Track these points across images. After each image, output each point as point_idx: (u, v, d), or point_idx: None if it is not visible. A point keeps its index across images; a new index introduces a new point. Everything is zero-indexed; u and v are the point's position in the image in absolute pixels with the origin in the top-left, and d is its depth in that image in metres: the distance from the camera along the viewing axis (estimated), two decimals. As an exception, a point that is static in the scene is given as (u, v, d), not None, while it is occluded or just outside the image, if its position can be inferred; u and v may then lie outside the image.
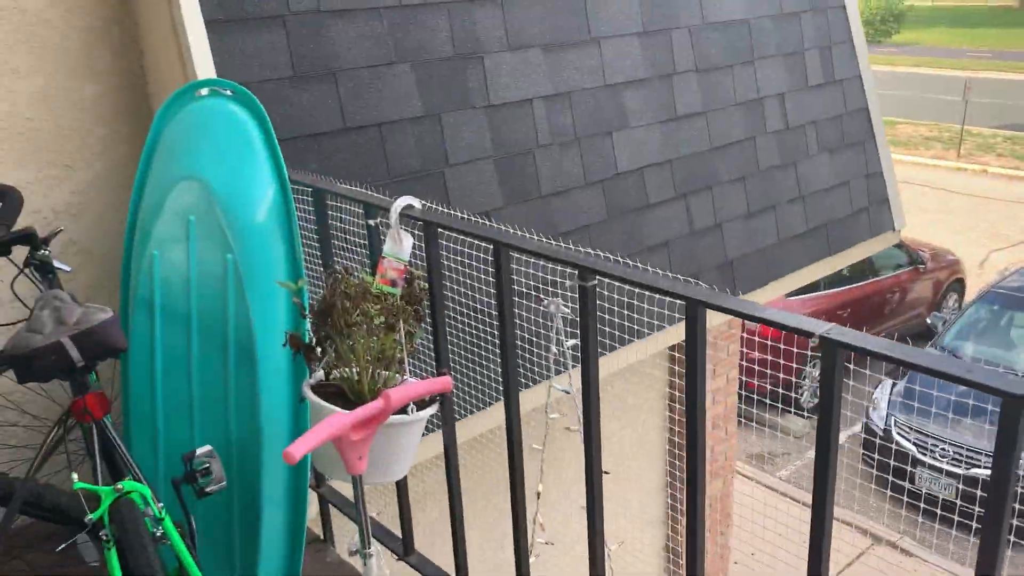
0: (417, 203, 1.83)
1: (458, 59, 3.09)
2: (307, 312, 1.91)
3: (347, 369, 1.83)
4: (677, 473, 4.80)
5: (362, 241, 2.11)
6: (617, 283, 1.50)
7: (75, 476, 1.61)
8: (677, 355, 4.64)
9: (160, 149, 2.35)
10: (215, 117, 2.29)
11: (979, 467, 7.32)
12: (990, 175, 18.08)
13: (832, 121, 4.42)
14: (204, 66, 2.52)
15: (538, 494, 1.99)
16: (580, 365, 1.61)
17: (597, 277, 1.52)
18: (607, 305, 3.27)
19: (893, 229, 4.67)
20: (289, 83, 2.71)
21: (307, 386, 1.85)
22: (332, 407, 1.73)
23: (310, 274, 2.40)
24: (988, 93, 23.55)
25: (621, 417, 4.52)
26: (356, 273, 1.83)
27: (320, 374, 1.92)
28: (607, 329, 3.26)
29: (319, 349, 1.88)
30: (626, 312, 3.42)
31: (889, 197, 4.63)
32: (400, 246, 1.77)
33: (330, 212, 2.38)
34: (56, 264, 2.21)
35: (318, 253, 2.32)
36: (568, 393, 1.82)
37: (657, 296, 3.17)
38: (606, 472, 1.63)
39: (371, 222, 2.01)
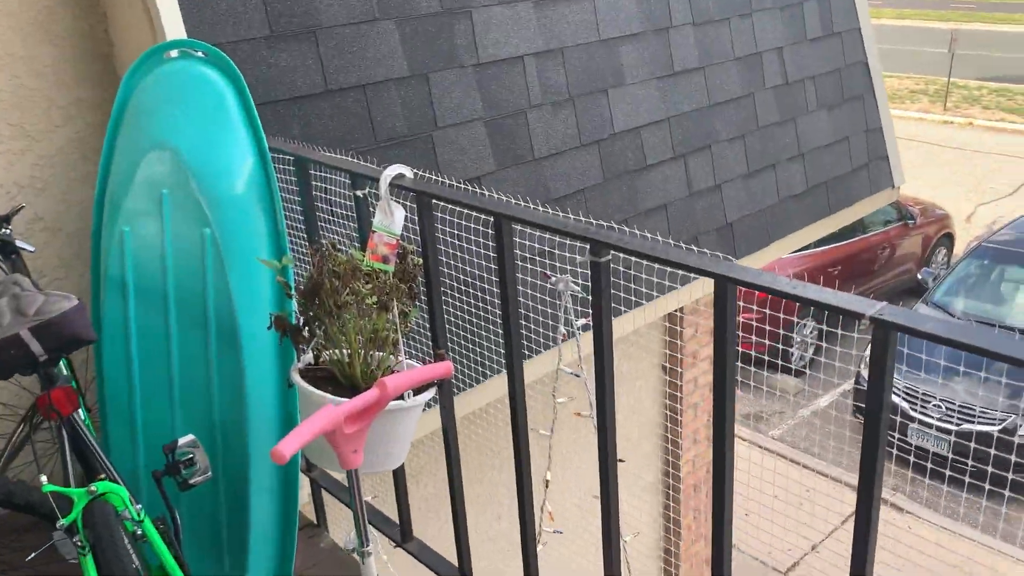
0: (408, 172, 1.68)
1: (445, 14, 2.91)
2: (292, 292, 1.76)
3: (337, 352, 1.70)
4: (671, 438, 4.72)
5: (350, 214, 1.96)
6: (635, 258, 1.36)
7: (44, 478, 1.47)
8: (670, 326, 4.52)
9: (128, 116, 2.18)
10: (186, 81, 2.12)
11: (972, 423, 7.30)
12: (976, 128, 17.99)
13: (831, 75, 4.27)
14: (173, 26, 2.34)
15: (547, 482, 1.87)
16: (593, 347, 1.48)
17: (611, 252, 1.38)
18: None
19: (892, 186, 4.55)
20: (265, 43, 2.54)
21: (295, 371, 1.72)
22: (322, 394, 1.60)
23: (295, 250, 2.25)
24: (973, 45, 23.38)
25: (615, 387, 4.42)
26: (344, 249, 1.68)
27: (309, 357, 1.78)
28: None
29: (307, 331, 1.74)
30: (621, 282, 3.29)
31: (888, 153, 4.50)
32: (391, 219, 1.63)
33: (314, 183, 2.23)
34: (19, 244, 2.06)
35: (303, 227, 2.17)
36: (579, 377, 1.69)
37: (657, 266, 3.03)
38: (621, 460, 1.51)
39: (359, 193, 1.86)
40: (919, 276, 9.45)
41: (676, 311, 4.44)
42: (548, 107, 3.20)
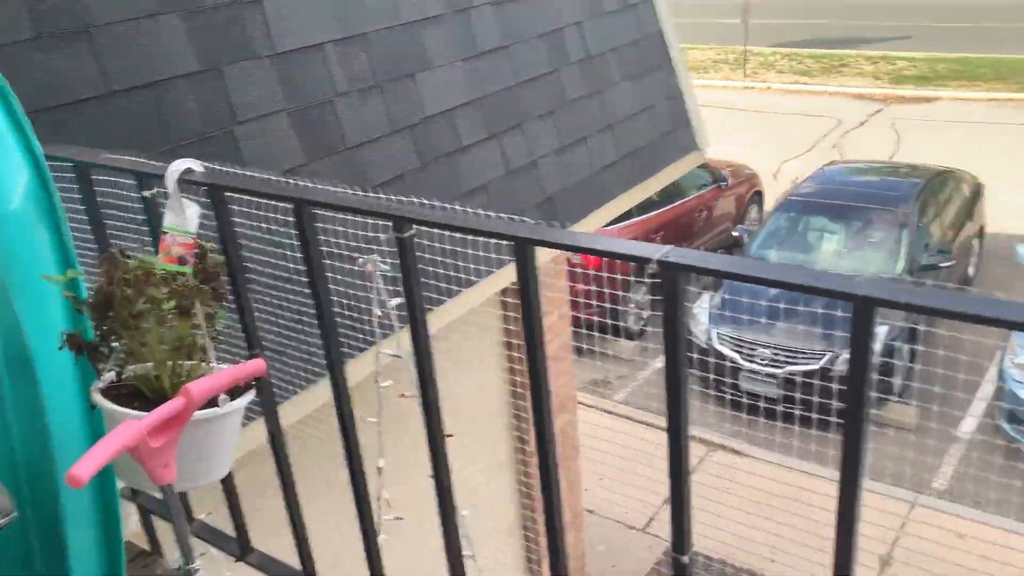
0: (198, 165, 1.59)
1: (234, 5, 2.79)
2: (83, 306, 1.64)
3: (142, 365, 1.59)
4: (522, 415, 4.79)
5: (143, 217, 1.84)
6: (437, 230, 1.35)
7: None
8: (508, 300, 4.58)
9: None
10: (-61, 91, 1.91)
11: (796, 364, 7.84)
12: (774, 91, 19.24)
13: (631, 47, 4.43)
14: (-81, 31, 2.11)
15: (379, 469, 1.84)
16: (408, 324, 1.45)
17: (414, 226, 1.36)
18: (429, 256, 3.12)
19: (698, 149, 4.79)
20: (33, 45, 2.34)
21: (95, 390, 1.60)
22: (124, 410, 1.49)
23: (87, 263, 2.10)
24: (765, 14, 24.95)
25: (459, 369, 4.43)
26: (135, 254, 1.57)
27: (111, 375, 1.66)
28: (433, 282, 3.12)
29: (104, 347, 1.62)
30: (450, 261, 3.29)
31: (691, 118, 4.73)
32: (183, 217, 1.54)
33: (104, 188, 2.08)
34: None
35: (93, 238, 2.02)
36: (400, 358, 1.66)
37: (481, 240, 3.05)
38: (450, 436, 1.50)
39: (146, 193, 1.75)
40: (735, 233, 10.03)
41: (511, 285, 4.49)
42: (355, 94, 3.14)
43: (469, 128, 3.51)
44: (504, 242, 1.31)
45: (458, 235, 1.40)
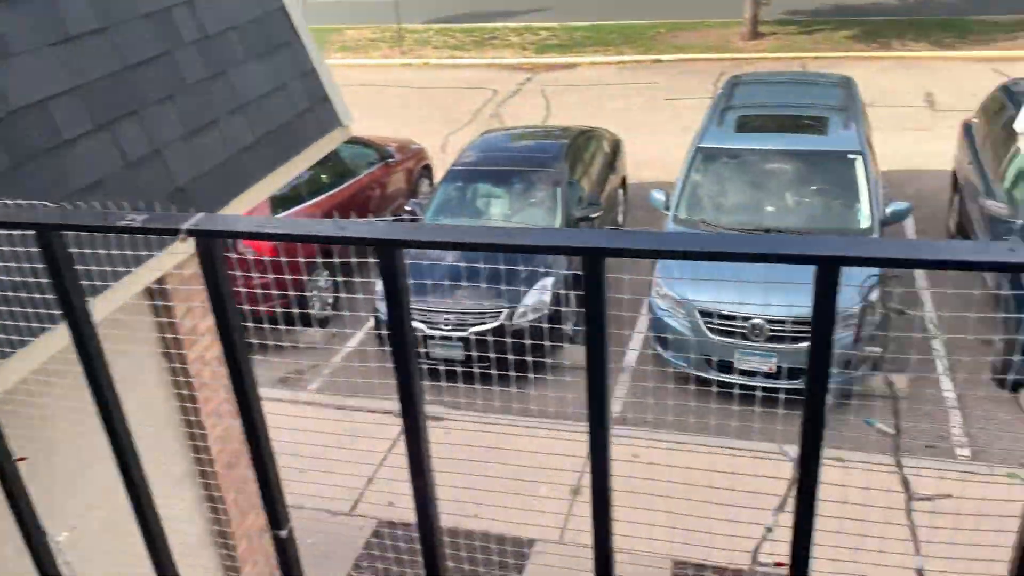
0: None
1: None
2: None
3: None
4: (193, 420, 4.50)
5: None
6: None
7: None
8: (159, 304, 4.25)
9: None
10: None
11: (481, 324, 8.18)
12: (432, 66, 19.78)
13: (253, 24, 4.26)
14: None
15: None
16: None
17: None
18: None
19: (342, 125, 4.74)
20: None
21: None
22: None
23: None
24: (415, -8, 25.48)
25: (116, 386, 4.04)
26: None
27: None
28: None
29: None
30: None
31: (329, 94, 4.66)
32: None
33: None
34: None
35: None
36: None
37: (126, 235, 2.77)
38: (22, 459, 1.33)
39: None
40: (407, 208, 10.21)
41: (160, 288, 4.17)
42: (-87, 92, 2.69)
43: (70, 119, 3.16)
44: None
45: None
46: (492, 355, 7.95)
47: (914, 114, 14.35)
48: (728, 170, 9.07)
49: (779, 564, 3.24)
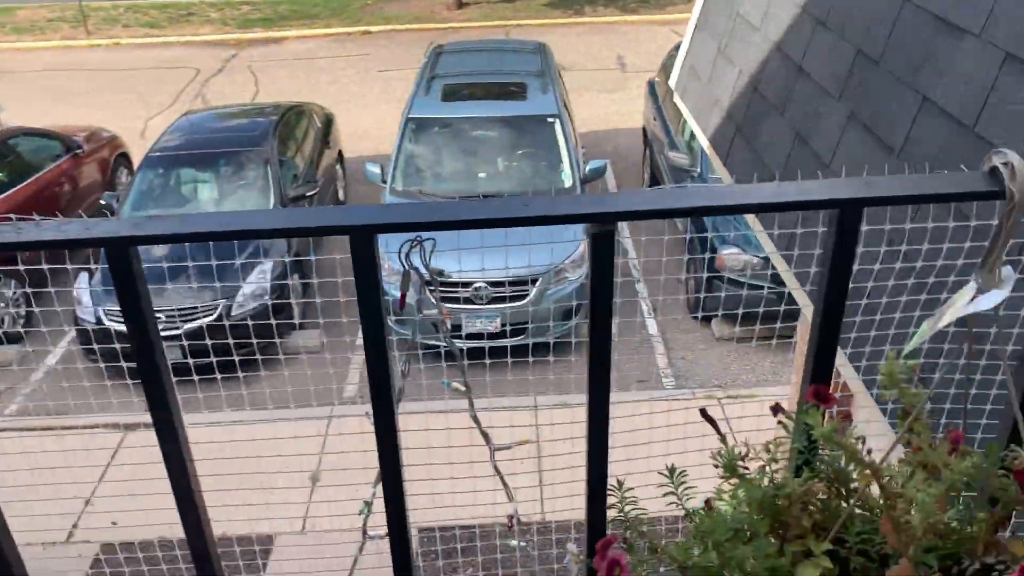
0: None
1: None
2: None
3: None
4: None
5: None
6: None
7: None
8: None
9: None
10: None
11: (193, 320, 7.71)
12: (125, 47, 18.22)
13: None
14: None
15: None
16: None
17: None
18: None
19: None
20: None
21: None
22: None
23: None
24: (96, -35, 23.23)
25: None
26: None
27: None
28: None
29: None
30: None
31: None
32: None
33: None
34: None
35: None
36: None
37: None
38: None
39: None
40: (102, 201, 9.35)
41: None
42: None
43: None
44: None
45: None
46: (212, 351, 7.53)
47: (608, 76, 15.39)
48: (439, 139, 9.20)
49: (510, 518, 3.36)
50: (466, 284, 7.63)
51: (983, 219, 2.02)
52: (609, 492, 1.11)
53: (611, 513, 1.13)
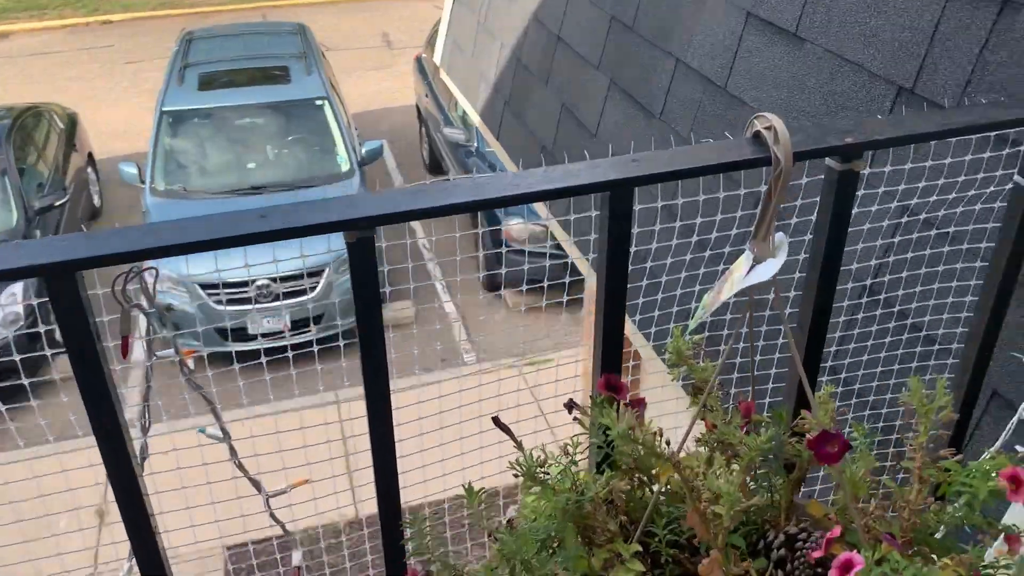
0: None
1: None
2: None
3: None
4: None
5: None
6: None
7: None
8: None
9: None
10: None
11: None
12: None
13: None
14: None
15: None
16: None
17: None
18: None
19: None
20: None
21: None
22: None
23: None
24: None
25: None
26: None
27: None
28: None
29: None
30: None
31: None
32: None
33: None
34: None
35: None
36: None
37: None
38: None
39: None
40: None
41: None
42: None
43: None
44: None
45: None
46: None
47: (375, 54, 15.10)
48: (200, 131, 8.61)
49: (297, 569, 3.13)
50: (249, 282, 7.23)
51: (750, 187, 2.08)
52: (402, 525, 1.00)
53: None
